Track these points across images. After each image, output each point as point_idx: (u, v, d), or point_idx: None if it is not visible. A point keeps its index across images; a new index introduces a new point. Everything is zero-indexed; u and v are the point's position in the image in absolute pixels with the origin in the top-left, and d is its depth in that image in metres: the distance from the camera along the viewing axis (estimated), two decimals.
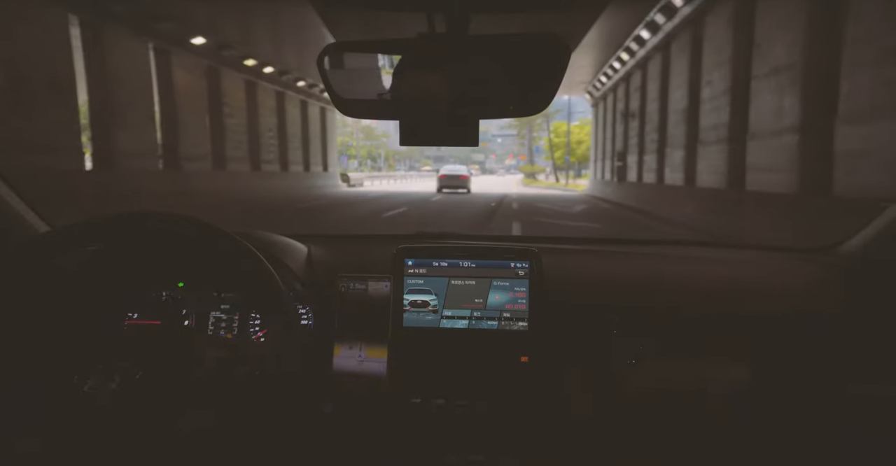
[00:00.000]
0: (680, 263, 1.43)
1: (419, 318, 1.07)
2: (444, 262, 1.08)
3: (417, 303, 1.07)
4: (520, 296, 1.07)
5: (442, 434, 0.99)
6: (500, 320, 1.06)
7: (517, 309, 1.06)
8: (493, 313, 1.07)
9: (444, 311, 1.07)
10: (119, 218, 0.83)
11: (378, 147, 57.21)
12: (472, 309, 1.07)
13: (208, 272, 1.17)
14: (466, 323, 1.07)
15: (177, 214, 0.85)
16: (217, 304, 1.17)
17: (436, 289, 1.07)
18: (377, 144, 56.96)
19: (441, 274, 1.08)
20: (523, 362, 1.06)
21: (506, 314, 1.06)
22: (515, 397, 1.00)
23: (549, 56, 0.65)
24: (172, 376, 0.83)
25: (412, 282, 1.08)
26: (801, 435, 1.10)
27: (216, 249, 0.87)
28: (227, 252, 0.86)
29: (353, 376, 1.01)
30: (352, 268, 1.18)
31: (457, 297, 1.07)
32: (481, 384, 1.02)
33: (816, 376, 1.05)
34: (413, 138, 0.77)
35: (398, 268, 1.08)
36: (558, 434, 0.97)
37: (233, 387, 0.84)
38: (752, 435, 1.09)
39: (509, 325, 1.06)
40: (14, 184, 1.21)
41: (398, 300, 1.07)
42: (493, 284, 1.07)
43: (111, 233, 0.85)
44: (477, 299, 1.07)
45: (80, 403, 0.73)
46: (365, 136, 55.35)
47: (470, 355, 1.07)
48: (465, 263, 1.08)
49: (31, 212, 1.30)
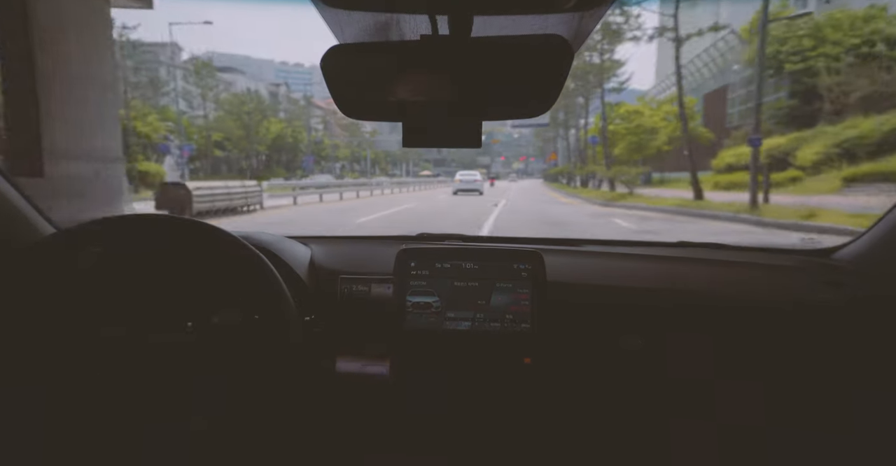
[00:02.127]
0: (684, 264, 1.42)
1: (422, 320, 1.07)
2: (446, 264, 1.08)
3: (420, 305, 1.07)
4: (523, 298, 1.06)
5: (445, 435, 0.99)
6: (504, 322, 1.06)
7: (520, 310, 1.06)
8: (496, 314, 1.07)
9: (446, 313, 1.07)
10: (126, 220, 0.83)
11: (362, 147, 47.54)
12: (475, 310, 1.07)
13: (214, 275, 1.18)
14: (469, 324, 1.07)
15: (187, 218, 0.85)
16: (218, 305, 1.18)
17: (438, 291, 1.08)
18: (359, 143, 47.58)
19: (444, 276, 1.08)
20: (526, 363, 1.06)
21: (509, 315, 1.06)
22: (519, 397, 0.99)
23: (552, 57, 0.65)
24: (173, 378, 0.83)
25: (415, 284, 1.08)
26: (801, 435, 1.09)
27: (225, 255, 0.86)
28: (236, 259, 0.85)
29: (356, 378, 1.01)
30: (354, 270, 1.18)
31: (460, 299, 1.07)
32: (484, 385, 1.02)
33: (816, 375, 1.05)
34: (416, 140, 0.78)
35: (401, 270, 1.08)
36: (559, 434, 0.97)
37: (233, 387, 0.85)
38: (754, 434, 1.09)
39: (512, 327, 1.06)
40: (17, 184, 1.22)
41: (401, 301, 1.07)
42: (496, 286, 1.07)
43: (117, 236, 0.85)
44: (480, 301, 1.07)
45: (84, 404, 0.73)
46: (349, 134, 47.68)
47: (473, 357, 1.07)
48: (467, 265, 1.08)
49: (35, 213, 1.30)
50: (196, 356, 0.91)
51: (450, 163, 65.64)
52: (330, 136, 46.54)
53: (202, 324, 1.16)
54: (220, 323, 1.17)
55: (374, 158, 50.36)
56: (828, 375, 1.05)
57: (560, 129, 34.80)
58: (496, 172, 58.71)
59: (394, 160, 56.93)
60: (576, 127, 30.06)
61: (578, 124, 28.80)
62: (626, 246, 1.68)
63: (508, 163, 66.05)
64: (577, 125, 29.51)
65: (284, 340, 0.82)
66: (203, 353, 0.91)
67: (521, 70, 0.66)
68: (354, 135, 47.85)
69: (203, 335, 0.88)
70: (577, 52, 0.75)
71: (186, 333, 0.90)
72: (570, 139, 32.77)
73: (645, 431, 1.09)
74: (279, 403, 0.86)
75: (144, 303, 0.99)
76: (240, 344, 0.91)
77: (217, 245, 0.84)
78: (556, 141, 40.17)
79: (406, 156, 56.73)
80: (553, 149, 41.37)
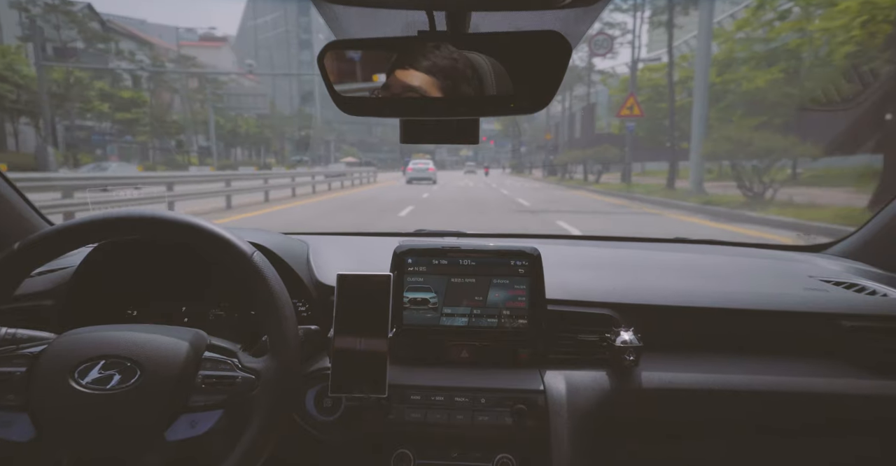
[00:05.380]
0: (681, 261, 1.43)
1: (419, 316, 1.07)
2: (443, 260, 1.09)
3: (417, 301, 1.08)
4: (519, 294, 1.07)
5: (441, 432, 0.99)
6: (500, 317, 1.07)
7: (517, 306, 1.07)
8: (492, 310, 1.07)
9: (443, 309, 1.07)
10: (123, 218, 0.83)
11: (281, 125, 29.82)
12: (471, 306, 1.07)
13: (211, 272, 1.18)
14: (466, 320, 1.07)
15: (182, 218, 0.84)
16: (217, 301, 1.18)
17: (435, 287, 1.08)
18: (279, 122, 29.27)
19: (441, 272, 1.08)
20: (523, 359, 1.07)
21: (505, 311, 1.07)
22: (514, 394, 1.00)
23: (550, 53, 0.65)
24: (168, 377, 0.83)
25: (412, 280, 1.08)
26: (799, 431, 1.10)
27: (223, 255, 0.85)
28: (236, 262, 0.84)
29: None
30: (351, 266, 1.19)
31: (457, 295, 1.07)
32: (481, 381, 1.02)
33: (817, 375, 1.05)
34: (414, 136, 0.78)
35: (398, 266, 1.08)
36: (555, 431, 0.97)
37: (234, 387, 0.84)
38: (755, 434, 1.10)
39: (509, 322, 1.07)
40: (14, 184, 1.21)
41: (398, 298, 1.07)
42: (492, 282, 1.07)
43: (113, 233, 0.85)
44: (477, 297, 1.07)
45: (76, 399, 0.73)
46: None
47: (469, 352, 1.07)
48: (464, 261, 1.08)
49: (32, 212, 1.30)
50: None
51: (380, 147, 54.12)
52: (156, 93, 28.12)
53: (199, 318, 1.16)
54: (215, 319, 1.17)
55: (248, 132, 31.16)
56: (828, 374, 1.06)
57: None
58: (441, 160, 46.35)
59: (301, 140, 37.11)
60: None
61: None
62: (624, 241, 1.69)
63: (456, 149, 52.09)
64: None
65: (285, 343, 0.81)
66: None
67: (518, 65, 0.66)
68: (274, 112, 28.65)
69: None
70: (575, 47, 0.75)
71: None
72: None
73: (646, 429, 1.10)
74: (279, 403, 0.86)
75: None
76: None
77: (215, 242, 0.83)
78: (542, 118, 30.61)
79: (318, 134, 37.42)
80: (546, 128, 31.78)
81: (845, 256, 1.45)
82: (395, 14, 0.72)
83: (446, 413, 0.98)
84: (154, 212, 0.84)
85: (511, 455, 0.97)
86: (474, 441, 0.99)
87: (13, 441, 0.72)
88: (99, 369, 0.75)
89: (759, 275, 1.31)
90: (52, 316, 1.09)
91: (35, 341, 0.80)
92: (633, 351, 1.00)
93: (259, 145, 34.43)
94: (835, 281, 1.24)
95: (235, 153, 33.04)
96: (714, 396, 1.02)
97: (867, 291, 1.18)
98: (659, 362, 1.07)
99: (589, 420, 0.99)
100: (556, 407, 0.99)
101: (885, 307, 1.11)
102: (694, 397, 1.03)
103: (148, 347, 0.78)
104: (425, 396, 1.00)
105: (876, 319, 1.09)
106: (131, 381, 0.75)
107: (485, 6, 0.67)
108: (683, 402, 1.03)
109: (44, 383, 0.75)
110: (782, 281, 1.26)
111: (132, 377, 0.75)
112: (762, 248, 1.63)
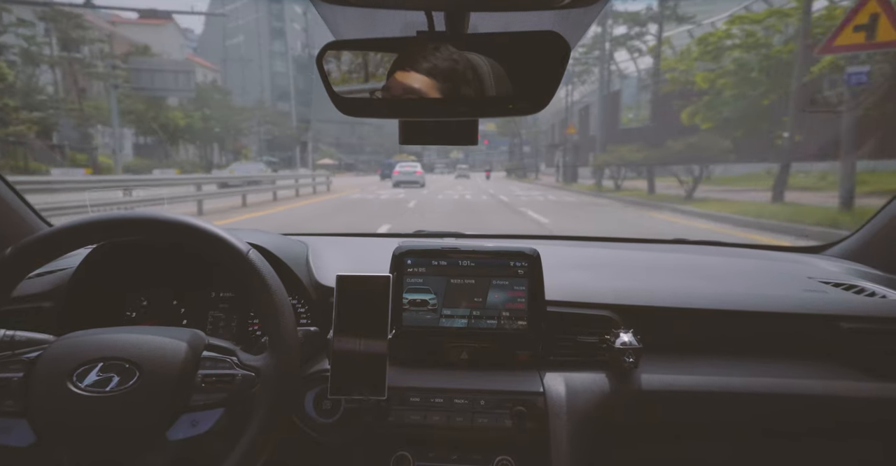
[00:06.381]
0: (681, 262, 1.43)
1: (418, 317, 1.07)
2: (443, 261, 1.08)
3: (417, 302, 1.07)
4: (519, 295, 1.06)
5: (441, 434, 0.99)
6: (500, 319, 1.06)
7: (516, 307, 1.06)
8: (492, 312, 1.07)
9: (443, 310, 1.07)
10: (121, 219, 0.82)
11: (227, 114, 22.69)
12: (471, 307, 1.07)
13: (209, 274, 1.17)
14: (465, 321, 1.07)
15: (178, 218, 0.83)
16: (216, 303, 1.17)
17: (435, 288, 1.07)
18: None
19: (440, 274, 1.08)
20: (522, 360, 1.06)
21: (505, 313, 1.06)
22: (513, 396, 1.00)
23: (549, 54, 0.65)
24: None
25: (411, 281, 1.08)
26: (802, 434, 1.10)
27: (220, 254, 0.85)
28: (232, 261, 0.83)
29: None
30: (351, 267, 1.18)
31: (456, 296, 1.07)
32: (480, 383, 1.02)
33: (816, 377, 1.05)
34: (413, 137, 0.78)
35: (397, 267, 1.08)
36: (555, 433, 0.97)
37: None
38: (755, 436, 1.09)
39: (508, 324, 1.06)
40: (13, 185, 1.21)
41: (397, 299, 1.06)
42: (492, 283, 1.07)
43: (111, 234, 0.84)
44: (476, 298, 1.07)
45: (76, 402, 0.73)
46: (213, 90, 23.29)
47: (469, 353, 1.07)
48: (464, 262, 1.08)
49: (31, 213, 1.29)
50: None
51: (363, 148, 48.55)
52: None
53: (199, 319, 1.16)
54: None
55: (191, 126, 23.14)
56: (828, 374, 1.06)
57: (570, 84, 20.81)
58: (430, 162, 41.31)
59: (274, 139, 29.77)
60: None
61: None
62: (624, 242, 1.69)
63: (446, 152, 46.33)
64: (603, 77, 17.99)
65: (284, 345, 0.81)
66: None
67: (517, 66, 0.66)
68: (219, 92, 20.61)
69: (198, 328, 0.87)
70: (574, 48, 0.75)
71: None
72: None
73: (646, 429, 1.10)
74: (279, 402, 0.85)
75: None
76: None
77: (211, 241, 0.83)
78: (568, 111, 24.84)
79: (290, 132, 30.56)
80: (569, 120, 25.21)
81: (844, 257, 1.45)
82: (394, 14, 0.71)
83: (446, 414, 0.98)
84: (151, 213, 0.84)
85: (510, 457, 0.97)
86: (473, 443, 0.99)
87: (13, 446, 0.71)
88: (97, 371, 0.75)
89: (758, 277, 1.31)
90: (50, 318, 1.08)
91: (34, 343, 0.80)
92: (633, 353, 1.00)
93: (209, 142, 26.31)
94: (834, 283, 1.24)
95: (177, 151, 25.35)
96: (713, 398, 1.02)
97: (866, 293, 1.17)
98: (658, 364, 1.06)
99: (588, 422, 0.99)
100: (556, 409, 0.98)
101: (885, 308, 1.11)
102: (693, 399, 1.02)
103: (146, 348, 0.77)
104: (425, 398, 0.99)
105: (875, 321, 1.09)
106: (130, 382, 0.74)
107: (484, 6, 0.66)
108: (683, 404, 1.03)
109: (42, 387, 0.74)
110: (781, 283, 1.26)
111: (131, 378, 0.75)
112: (761, 249, 1.63)
